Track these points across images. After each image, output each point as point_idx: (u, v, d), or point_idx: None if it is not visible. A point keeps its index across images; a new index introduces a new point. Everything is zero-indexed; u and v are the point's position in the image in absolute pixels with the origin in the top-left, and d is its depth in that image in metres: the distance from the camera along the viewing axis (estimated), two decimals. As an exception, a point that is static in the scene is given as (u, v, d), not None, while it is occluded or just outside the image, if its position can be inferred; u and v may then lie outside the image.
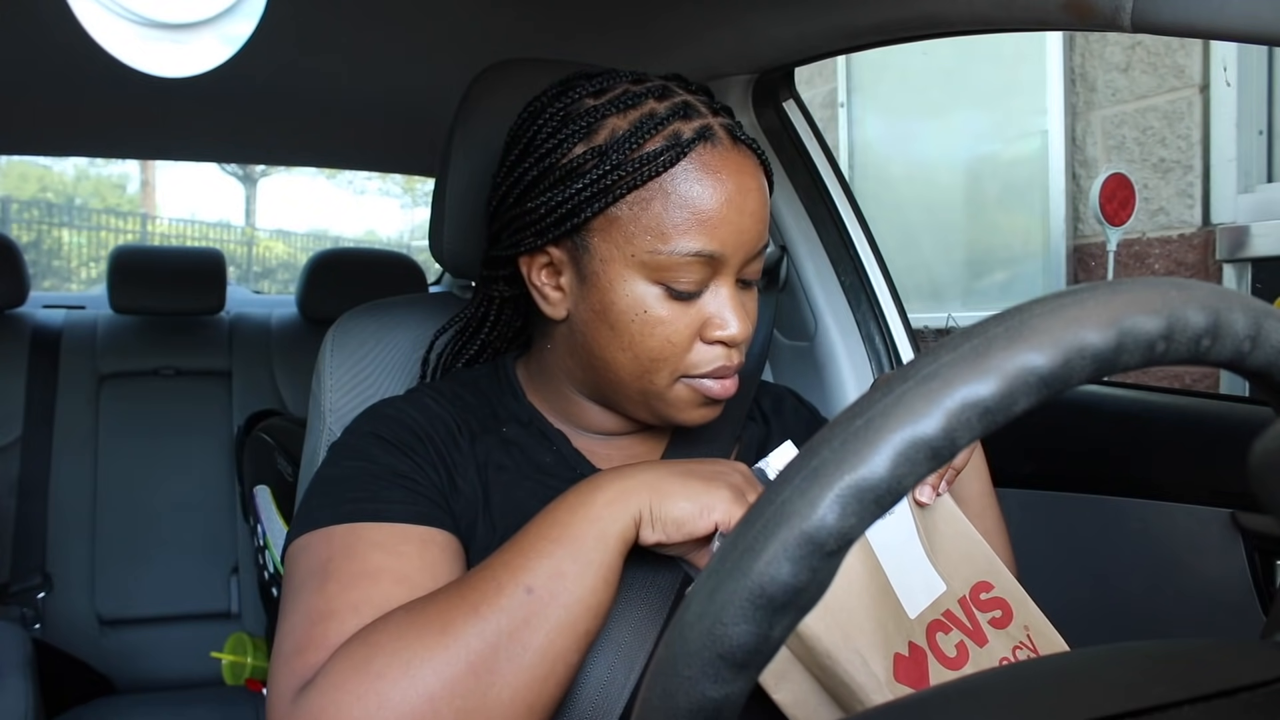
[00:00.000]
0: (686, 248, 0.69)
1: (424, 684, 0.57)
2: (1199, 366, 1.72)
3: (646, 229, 0.70)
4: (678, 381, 0.74)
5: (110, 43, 0.44)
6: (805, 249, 1.44)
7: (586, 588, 0.61)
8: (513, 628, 0.59)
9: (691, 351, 0.73)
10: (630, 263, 0.71)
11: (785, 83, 1.43)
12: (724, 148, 0.71)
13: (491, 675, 0.58)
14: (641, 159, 0.69)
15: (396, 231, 16.68)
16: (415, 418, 0.76)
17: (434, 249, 0.98)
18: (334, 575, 0.65)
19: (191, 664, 1.97)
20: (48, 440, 2.03)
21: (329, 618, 0.62)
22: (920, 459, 0.33)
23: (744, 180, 0.71)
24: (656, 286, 0.71)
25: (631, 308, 0.71)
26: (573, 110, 0.74)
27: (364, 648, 0.59)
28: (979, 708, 0.36)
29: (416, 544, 0.67)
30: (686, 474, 0.65)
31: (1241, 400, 1.16)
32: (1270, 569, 1.01)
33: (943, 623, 0.68)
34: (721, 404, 0.77)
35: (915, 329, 1.49)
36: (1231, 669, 0.38)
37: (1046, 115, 2.96)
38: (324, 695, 0.57)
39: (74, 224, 12.00)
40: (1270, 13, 0.69)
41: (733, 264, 0.72)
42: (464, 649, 0.58)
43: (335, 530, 0.68)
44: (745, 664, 0.33)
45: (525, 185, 0.75)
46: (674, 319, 0.71)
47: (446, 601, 0.61)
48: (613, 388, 0.76)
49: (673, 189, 0.69)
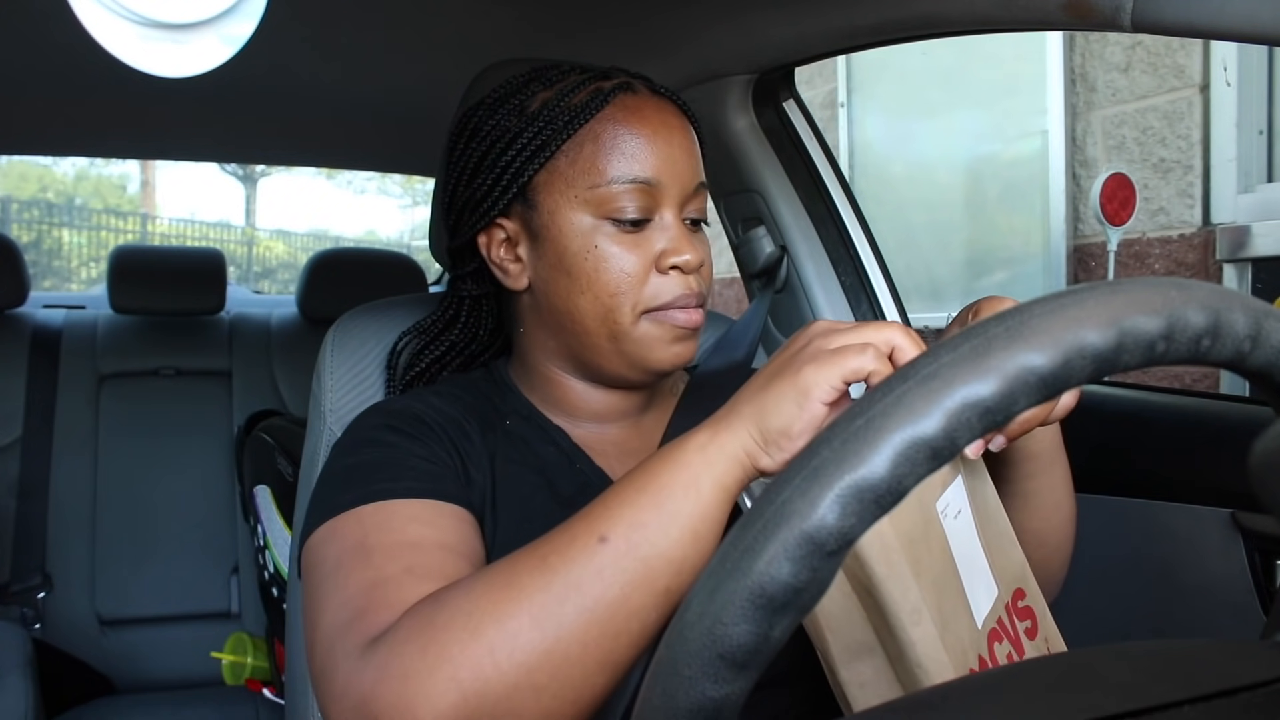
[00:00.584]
0: (621, 175, 0.74)
1: (486, 637, 0.54)
2: (1199, 366, 1.72)
3: (583, 171, 0.75)
4: (642, 318, 0.76)
5: (110, 43, 0.44)
6: (805, 249, 1.44)
7: (671, 540, 0.56)
8: (582, 579, 0.55)
9: (648, 283, 0.76)
10: (574, 204, 0.76)
11: (785, 83, 1.43)
12: (644, 95, 0.78)
13: (557, 629, 0.54)
14: (569, 110, 0.76)
15: (396, 231, 16.69)
16: (423, 410, 0.77)
17: (434, 249, 0.98)
18: (375, 549, 0.63)
19: (191, 664, 1.97)
20: (48, 440, 2.03)
21: (384, 583, 0.60)
22: (920, 459, 0.33)
23: (666, 118, 0.77)
24: (603, 221, 0.75)
25: (583, 247, 0.75)
26: (506, 92, 0.80)
27: (431, 604, 0.57)
28: (979, 708, 0.36)
29: (451, 518, 0.67)
30: (766, 381, 0.59)
31: (1241, 400, 1.16)
32: (1270, 569, 1.01)
33: (997, 631, 0.65)
34: (694, 339, 0.78)
35: (915, 329, 1.49)
36: (1231, 669, 0.38)
37: (1046, 115, 2.96)
38: (390, 649, 0.55)
39: (74, 224, 12.00)
40: (1270, 13, 0.69)
41: (671, 193, 0.76)
42: (528, 601, 0.55)
43: (364, 510, 0.66)
44: (745, 664, 0.33)
45: (471, 166, 0.80)
46: (624, 251, 0.75)
47: (518, 556, 0.58)
48: (583, 342, 0.78)
49: (601, 130, 0.75)
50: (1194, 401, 1.16)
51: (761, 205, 1.45)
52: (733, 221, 1.52)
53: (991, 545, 0.67)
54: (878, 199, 3.63)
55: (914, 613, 0.57)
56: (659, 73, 0.81)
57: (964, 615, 0.61)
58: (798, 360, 0.58)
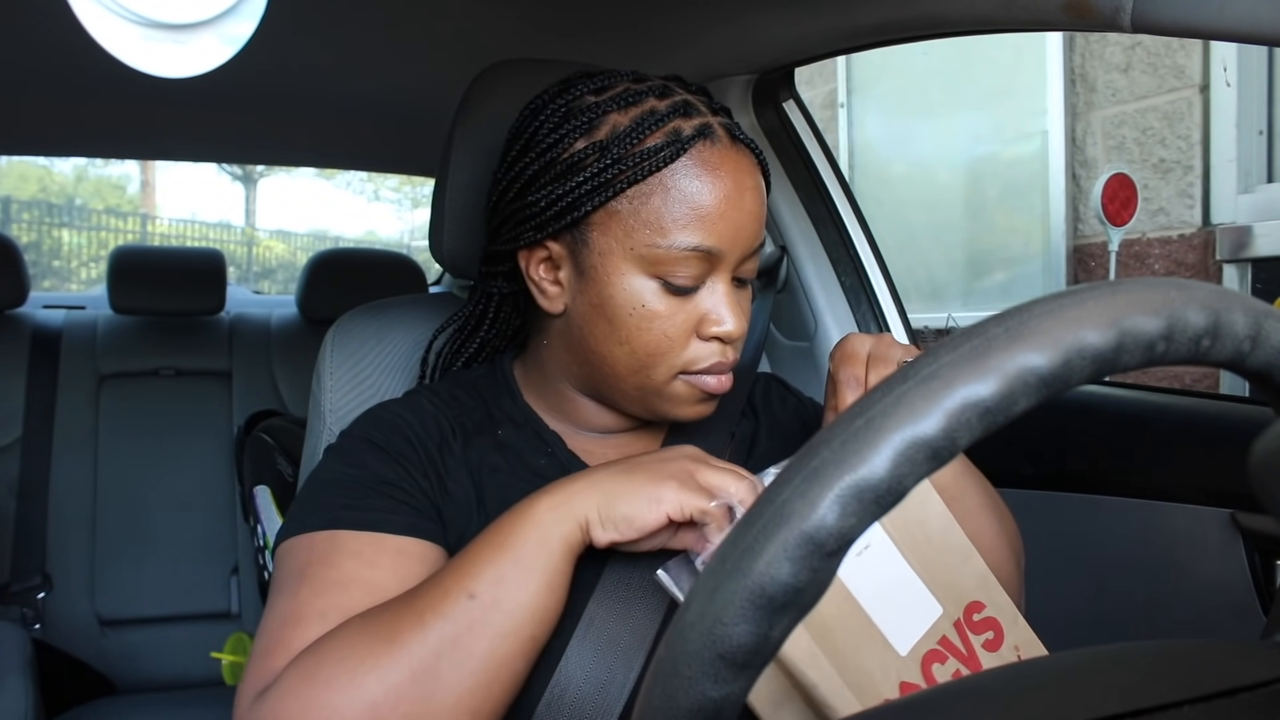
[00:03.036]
0: (685, 242, 0.70)
1: (368, 691, 0.57)
2: (1199, 366, 1.72)
3: (645, 223, 0.70)
4: (676, 378, 0.74)
5: (111, 43, 0.44)
6: (805, 249, 1.45)
7: (530, 593, 0.61)
8: (456, 634, 0.60)
9: (689, 348, 0.73)
10: (629, 256, 0.71)
11: (785, 83, 1.43)
12: (723, 146, 0.72)
13: (435, 682, 0.59)
14: (642, 154, 0.70)
15: (396, 232, 16.67)
16: (409, 421, 0.77)
17: (434, 249, 0.98)
18: (308, 581, 0.66)
19: (191, 664, 1.97)
20: (48, 440, 2.03)
21: (296, 623, 0.64)
22: (920, 459, 0.33)
23: (742, 178, 0.72)
24: (654, 281, 0.72)
25: (629, 301, 0.72)
26: (574, 106, 0.74)
27: (314, 656, 0.60)
28: (979, 708, 0.36)
29: (392, 555, 0.68)
30: (632, 469, 0.65)
31: (1241, 400, 1.16)
32: (1270, 569, 1.01)
33: (939, 651, 0.66)
34: (716, 400, 0.77)
35: (915, 329, 1.49)
36: (1231, 669, 0.38)
37: (1046, 115, 2.96)
38: (276, 702, 0.58)
39: (74, 224, 12.00)
40: (1270, 13, 0.69)
41: (730, 261, 0.73)
42: (408, 656, 0.59)
43: (317, 536, 0.69)
44: (745, 664, 0.33)
45: (526, 180, 0.75)
46: (671, 314, 0.72)
47: (395, 609, 0.62)
48: (609, 383, 0.76)
49: (672, 184, 0.70)
50: (1194, 401, 1.16)
51: (761, 205, 1.45)
52: (733, 222, 1.52)
53: (934, 564, 0.68)
54: (878, 199, 3.63)
55: (808, 656, 0.59)
56: (659, 72, 0.80)
57: (875, 647, 0.62)
58: (665, 470, 0.64)
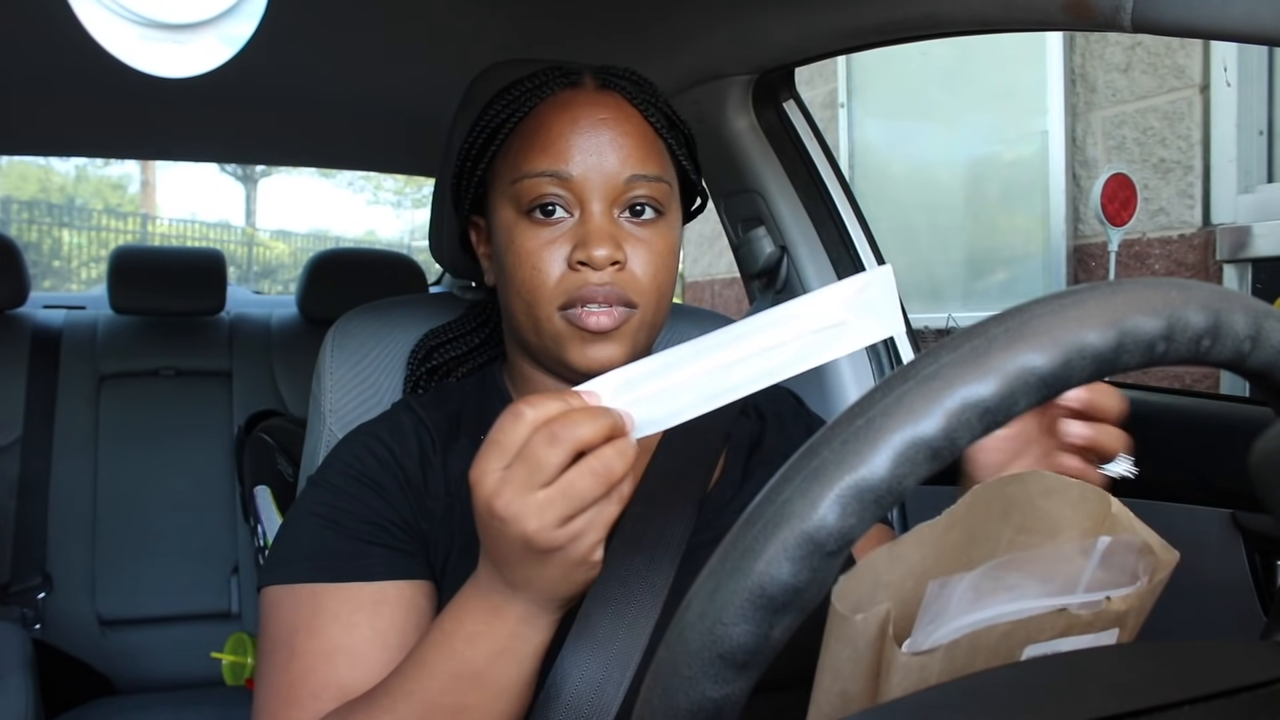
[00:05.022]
0: (533, 168, 0.73)
1: None
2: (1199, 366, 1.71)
3: (509, 165, 0.76)
4: (557, 316, 0.73)
5: (111, 43, 0.44)
6: (805, 249, 1.44)
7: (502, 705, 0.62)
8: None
9: (561, 280, 0.72)
10: (504, 202, 0.76)
11: (785, 83, 1.43)
12: (587, 90, 0.77)
13: None
14: (509, 107, 0.77)
15: (397, 232, 16.68)
16: (386, 441, 0.77)
17: (434, 249, 0.98)
18: (299, 654, 0.68)
19: (191, 664, 1.97)
20: (48, 440, 2.03)
21: (293, 704, 0.67)
22: (920, 459, 0.33)
23: (599, 110, 0.75)
24: (522, 217, 0.74)
25: (507, 242, 0.75)
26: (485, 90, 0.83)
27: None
28: (979, 708, 0.36)
29: (369, 610, 0.70)
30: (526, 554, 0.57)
31: (1241, 400, 1.16)
32: (1270, 569, 1.01)
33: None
34: (616, 343, 0.73)
35: (915, 329, 1.49)
36: (1231, 669, 0.38)
37: (1047, 116, 2.96)
38: None
39: (74, 224, 12.01)
40: (1270, 13, 0.69)
41: (593, 186, 0.73)
42: None
43: (300, 592, 0.71)
44: (745, 664, 0.33)
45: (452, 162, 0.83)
46: (537, 246, 0.73)
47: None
48: (528, 343, 0.77)
49: (529, 127, 0.76)
50: (1194, 401, 1.15)
51: (761, 205, 1.45)
52: (733, 222, 1.52)
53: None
54: (878, 199, 3.63)
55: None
56: (659, 73, 0.80)
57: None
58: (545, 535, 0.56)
